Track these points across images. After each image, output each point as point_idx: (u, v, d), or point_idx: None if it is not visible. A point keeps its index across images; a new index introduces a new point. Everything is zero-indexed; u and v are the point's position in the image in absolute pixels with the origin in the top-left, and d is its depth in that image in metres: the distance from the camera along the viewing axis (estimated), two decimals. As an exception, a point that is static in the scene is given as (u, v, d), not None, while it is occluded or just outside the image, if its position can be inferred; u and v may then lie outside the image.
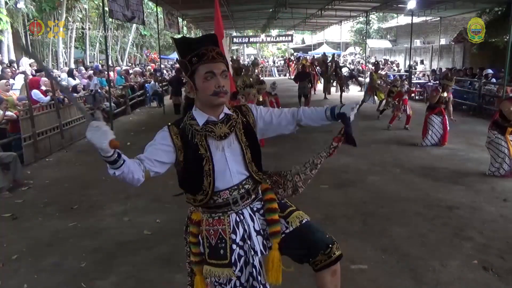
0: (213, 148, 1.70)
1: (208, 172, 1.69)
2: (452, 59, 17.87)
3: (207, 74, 1.63)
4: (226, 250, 1.74)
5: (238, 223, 1.77)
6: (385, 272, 3.10)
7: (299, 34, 41.46)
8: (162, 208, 4.56)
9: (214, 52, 1.65)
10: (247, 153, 1.74)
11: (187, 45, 1.71)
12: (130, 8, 9.12)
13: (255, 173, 1.76)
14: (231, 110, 1.78)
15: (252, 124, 1.81)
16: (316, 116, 1.83)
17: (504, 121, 5.25)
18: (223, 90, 1.64)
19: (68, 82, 10.50)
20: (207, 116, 1.71)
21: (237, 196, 1.74)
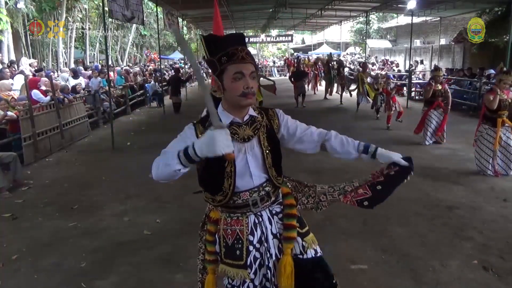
0: (236, 150, 1.65)
1: (230, 173, 1.67)
2: (452, 59, 17.87)
3: (236, 74, 1.60)
4: (243, 251, 1.73)
5: (257, 225, 1.76)
6: (385, 272, 3.10)
7: (299, 34, 41.46)
8: (162, 208, 4.57)
9: (244, 53, 1.63)
10: (268, 158, 1.72)
11: (216, 43, 1.69)
12: (130, 8, 9.11)
13: (274, 178, 1.75)
14: (256, 111, 1.75)
15: (275, 129, 1.79)
16: (347, 144, 1.79)
17: (492, 113, 5.28)
18: (251, 91, 1.61)
19: (68, 82, 10.49)
20: (232, 117, 1.69)
21: (257, 198, 1.72)
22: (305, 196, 1.93)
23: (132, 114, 12.57)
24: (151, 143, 8.14)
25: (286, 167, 1.98)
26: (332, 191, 1.88)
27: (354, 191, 1.80)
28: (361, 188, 1.77)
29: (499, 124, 5.25)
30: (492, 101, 5.20)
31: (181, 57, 29.03)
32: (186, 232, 3.91)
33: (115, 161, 6.81)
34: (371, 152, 1.76)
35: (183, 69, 19.94)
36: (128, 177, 5.79)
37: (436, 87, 7.01)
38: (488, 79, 11.69)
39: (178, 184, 5.44)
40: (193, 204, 4.66)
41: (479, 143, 5.52)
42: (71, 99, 8.57)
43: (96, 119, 10.24)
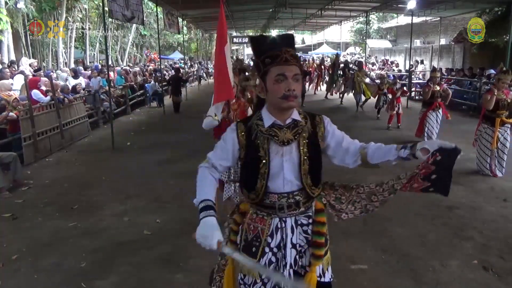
0: (273, 152, 1.66)
1: (263, 175, 1.67)
2: (452, 59, 17.87)
3: (278, 76, 1.59)
4: (258, 250, 1.73)
5: (278, 229, 1.74)
6: (385, 272, 3.10)
7: (299, 34, 41.44)
8: (162, 208, 4.57)
9: (288, 54, 1.60)
10: (304, 165, 1.67)
11: (261, 44, 1.68)
12: (130, 8, 9.10)
13: (308, 186, 1.70)
14: (301, 115, 1.71)
15: (320, 137, 1.73)
16: (385, 148, 1.72)
17: (491, 112, 5.29)
18: (293, 94, 1.59)
19: (68, 82, 10.49)
20: (274, 119, 1.67)
21: (284, 203, 1.70)
22: (350, 203, 1.86)
23: (132, 114, 12.57)
24: (151, 143, 8.15)
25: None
26: (381, 191, 1.80)
27: (409, 186, 1.71)
28: (415, 183, 1.68)
29: (497, 124, 5.26)
30: (488, 101, 5.22)
31: (181, 57, 29.05)
32: (186, 232, 3.90)
33: (115, 161, 6.81)
34: (409, 145, 1.65)
35: (183, 69, 19.93)
36: (128, 177, 5.79)
37: (434, 88, 7.01)
38: (488, 79, 11.69)
39: (178, 184, 5.46)
40: (193, 204, 4.66)
41: (479, 142, 5.54)
42: (71, 99, 8.57)
43: (96, 119, 10.24)
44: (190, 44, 35.23)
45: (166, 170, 6.10)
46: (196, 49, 34.86)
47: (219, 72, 3.23)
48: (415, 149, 1.61)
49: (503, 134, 5.34)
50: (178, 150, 7.44)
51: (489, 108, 5.24)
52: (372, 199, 1.82)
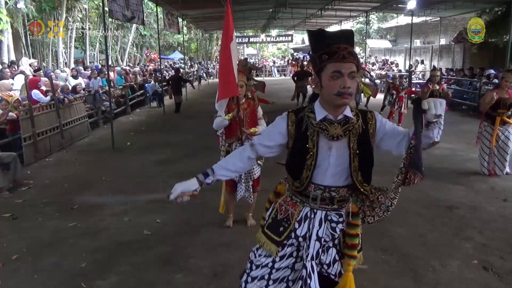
0: (322, 145, 1.69)
1: (309, 166, 1.70)
2: (452, 59, 17.87)
3: (334, 73, 1.60)
4: (286, 230, 1.78)
5: (306, 219, 1.78)
6: (385, 272, 3.10)
7: (299, 34, 41.45)
8: (162, 208, 4.56)
9: (346, 51, 1.60)
10: (354, 161, 1.69)
11: (320, 40, 1.68)
12: (130, 8, 9.11)
13: (360, 183, 1.72)
14: (353, 113, 1.72)
15: (370, 134, 1.74)
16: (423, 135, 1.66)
17: (492, 110, 5.31)
18: (348, 92, 1.59)
19: (69, 82, 10.50)
20: (325, 113, 1.69)
21: (318, 195, 1.74)
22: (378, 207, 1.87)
23: (132, 114, 12.57)
24: (151, 143, 8.15)
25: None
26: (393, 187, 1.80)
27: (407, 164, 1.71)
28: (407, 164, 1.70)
29: (497, 122, 5.28)
30: (485, 99, 5.32)
31: (181, 57, 29.05)
32: (186, 232, 3.91)
33: (115, 161, 6.81)
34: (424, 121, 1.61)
35: (183, 69, 19.93)
36: (128, 177, 5.79)
37: (433, 87, 7.01)
38: (488, 79, 11.69)
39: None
40: (193, 204, 4.66)
41: (480, 140, 5.56)
42: (71, 99, 8.57)
43: (96, 119, 10.24)
44: (190, 44, 35.22)
45: (166, 170, 6.10)
46: (196, 49, 34.85)
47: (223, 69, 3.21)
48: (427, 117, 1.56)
49: (504, 132, 5.34)
50: (178, 150, 7.44)
51: (484, 106, 5.31)
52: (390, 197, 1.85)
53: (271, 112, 4.01)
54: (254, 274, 1.81)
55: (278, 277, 1.80)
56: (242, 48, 39.96)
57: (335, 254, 1.77)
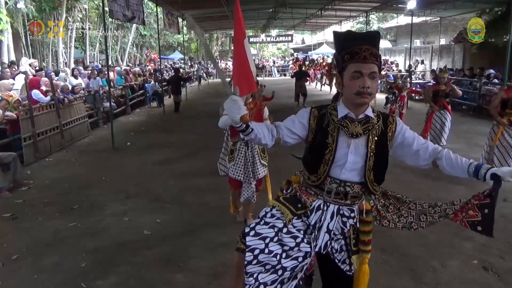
0: (341, 142, 1.73)
1: (327, 161, 1.74)
2: (452, 59, 17.87)
3: (355, 73, 1.65)
4: (302, 209, 1.82)
5: (319, 210, 1.80)
6: (385, 272, 3.10)
7: (299, 34, 41.44)
8: (162, 208, 4.56)
9: (367, 52, 1.64)
10: (370, 160, 1.73)
11: (344, 41, 1.73)
12: (131, 8, 9.10)
13: (370, 182, 1.76)
14: (374, 113, 1.77)
15: (389, 136, 1.78)
16: (457, 165, 1.77)
17: (501, 110, 5.35)
18: (367, 91, 1.64)
19: (70, 82, 10.50)
20: (347, 111, 1.74)
21: (333, 188, 1.77)
22: (396, 215, 1.91)
23: (132, 114, 12.57)
24: (151, 143, 8.15)
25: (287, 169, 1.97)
26: (433, 212, 1.85)
27: (465, 212, 1.76)
28: (471, 210, 1.75)
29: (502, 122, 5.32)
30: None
31: (181, 57, 29.05)
32: (186, 232, 3.91)
33: (115, 161, 6.81)
34: (481, 176, 1.72)
35: (183, 69, 19.93)
36: (128, 177, 5.79)
37: (440, 87, 7.00)
38: (488, 79, 11.69)
39: (178, 184, 5.46)
40: (193, 204, 4.67)
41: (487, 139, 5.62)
42: (71, 99, 8.57)
43: (96, 119, 10.24)
44: (190, 44, 35.23)
45: (166, 170, 6.10)
46: (196, 49, 34.86)
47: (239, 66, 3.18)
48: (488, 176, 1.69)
49: (509, 133, 5.35)
50: (178, 150, 7.44)
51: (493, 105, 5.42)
52: (420, 219, 1.88)
53: (272, 111, 4.02)
54: (259, 229, 1.79)
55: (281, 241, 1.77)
56: (242, 48, 39.93)
57: (342, 244, 1.82)
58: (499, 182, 1.65)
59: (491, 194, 1.70)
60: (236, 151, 3.71)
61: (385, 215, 1.91)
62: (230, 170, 3.77)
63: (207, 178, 5.45)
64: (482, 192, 1.75)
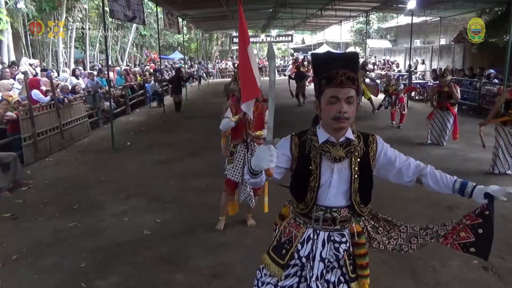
0: (324, 167, 1.71)
1: (313, 188, 1.72)
2: (452, 59, 17.87)
3: (331, 98, 1.64)
4: (288, 253, 1.78)
5: (309, 240, 1.78)
6: (385, 272, 3.10)
7: (299, 34, 41.44)
8: (162, 208, 4.57)
9: (344, 77, 1.63)
10: (355, 183, 1.72)
11: (322, 64, 1.72)
12: (131, 8, 9.09)
13: (357, 204, 1.75)
14: (355, 135, 1.76)
15: (371, 156, 1.77)
16: (442, 182, 1.77)
17: (504, 110, 5.36)
18: (344, 116, 1.63)
19: (70, 82, 10.50)
20: (328, 136, 1.72)
21: (320, 216, 1.74)
22: (386, 237, 1.90)
23: (132, 114, 12.58)
24: (151, 143, 8.15)
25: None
26: (424, 234, 1.84)
27: (455, 234, 1.76)
28: (463, 231, 1.74)
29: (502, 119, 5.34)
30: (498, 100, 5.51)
31: (181, 57, 29.05)
32: (186, 232, 3.91)
33: (115, 161, 6.81)
34: (467, 194, 1.74)
35: (184, 68, 19.94)
36: (128, 177, 5.79)
37: (443, 88, 7.02)
38: (488, 79, 11.69)
39: (178, 184, 5.46)
40: (193, 204, 4.67)
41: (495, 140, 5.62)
42: (71, 99, 8.57)
43: (96, 119, 10.25)
44: (190, 44, 35.23)
45: (166, 170, 6.10)
46: (196, 49, 34.86)
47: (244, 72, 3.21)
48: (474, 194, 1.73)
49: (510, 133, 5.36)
50: (178, 150, 7.44)
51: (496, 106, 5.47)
52: (411, 241, 1.86)
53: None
54: None
55: None
56: (242, 48, 39.95)
57: (339, 275, 1.78)
58: (492, 202, 1.68)
59: (482, 213, 1.70)
60: (236, 153, 3.74)
61: (374, 237, 1.89)
62: (229, 171, 3.79)
63: (207, 178, 5.45)
64: (473, 212, 1.75)
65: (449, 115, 7.07)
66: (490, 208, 1.67)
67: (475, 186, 1.74)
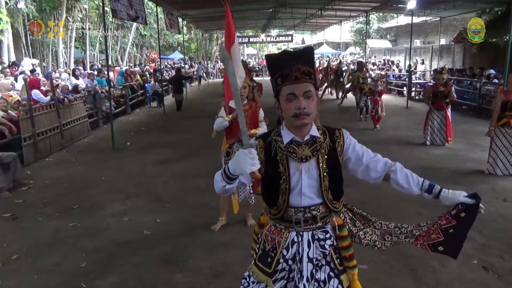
0: (292, 168, 1.68)
1: (284, 190, 1.69)
2: (452, 59, 17.88)
3: (289, 95, 1.61)
4: (273, 260, 1.75)
5: (294, 243, 1.76)
6: (385, 272, 3.10)
7: (299, 34, 41.44)
8: (162, 208, 4.57)
9: (298, 72, 1.59)
10: (325, 181, 1.68)
11: (275, 64, 1.69)
12: (134, 7, 9.07)
13: (330, 201, 1.72)
14: (320, 131, 1.71)
15: (338, 152, 1.73)
16: (412, 180, 1.74)
17: (501, 112, 5.35)
18: (304, 112, 1.59)
19: (70, 82, 10.50)
20: (292, 136, 1.68)
21: (300, 217, 1.71)
22: (362, 231, 1.88)
23: (132, 114, 12.58)
24: (151, 143, 8.15)
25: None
26: (398, 233, 1.83)
27: (427, 236, 1.76)
28: (434, 234, 1.75)
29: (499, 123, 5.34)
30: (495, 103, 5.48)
31: (181, 57, 29.05)
32: (186, 232, 3.91)
33: (115, 161, 6.81)
34: (434, 193, 1.72)
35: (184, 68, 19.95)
36: (128, 177, 5.79)
37: (439, 88, 7.01)
38: (488, 79, 11.69)
39: (178, 184, 5.46)
40: (193, 204, 4.67)
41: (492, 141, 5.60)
42: (71, 99, 8.57)
43: (96, 119, 10.25)
44: (190, 44, 35.23)
45: (166, 170, 6.10)
46: (196, 49, 34.86)
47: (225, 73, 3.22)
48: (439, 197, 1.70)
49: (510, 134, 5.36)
50: (178, 150, 7.44)
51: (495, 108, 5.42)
52: (385, 238, 1.84)
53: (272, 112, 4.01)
54: None
55: None
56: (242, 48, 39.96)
57: (329, 271, 1.76)
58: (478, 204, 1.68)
59: (458, 215, 1.69)
60: (232, 153, 3.73)
61: (351, 229, 1.86)
62: None
63: (207, 178, 5.44)
64: (449, 212, 1.72)
65: (443, 115, 7.10)
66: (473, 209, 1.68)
67: (441, 189, 1.72)
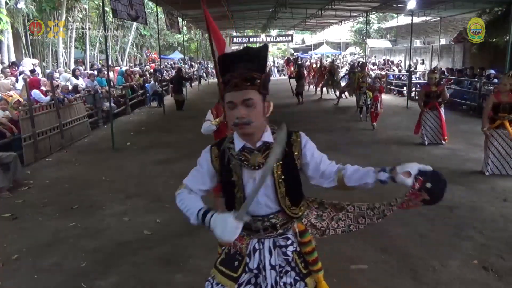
0: (246, 177, 1.61)
1: (239, 199, 1.64)
2: (452, 59, 17.87)
3: (229, 103, 1.53)
4: (241, 265, 1.71)
5: (256, 251, 1.72)
6: (385, 272, 3.10)
7: (299, 34, 41.44)
8: (162, 208, 4.56)
9: (238, 79, 1.48)
10: (280, 188, 1.61)
11: (224, 67, 1.58)
12: (134, 7, 9.07)
13: (288, 208, 1.65)
14: (275, 135, 1.61)
15: (296, 156, 1.64)
16: (362, 170, 1.60)
17: (494, 113, 5.35)
18: (243, 121, 1.49)
19: (71, 82, 10.50)
20: (243, 142, 1.61)
21: (259, 226, 1.68)
22: (334, 221, 1.81)
23: (132, 114, 12.58)
24: (151, 143, 8.15)
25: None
26: (371, 215, 1.76)
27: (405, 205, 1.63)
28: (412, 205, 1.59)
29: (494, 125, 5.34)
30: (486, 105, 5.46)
31: (181, 57, 29.05)
32: (186, 232, 3.91)
33: (115, 161, 6.80)
34: (389, 168, 1.53)
35: (184, 68, 19.95)
36: (128, 177, 5.79)
37: (431, 88, 7.01)
38: (488, 79, 11.69)
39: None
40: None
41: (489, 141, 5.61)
42: (71, 99, 8.57)
43: (96, 119, 10.25)
44: (190, 44, 35.24)
45: (166, 170, 6.10)
46: (196, 49, 34.87)
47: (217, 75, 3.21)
48: (395, 172, 1.49)
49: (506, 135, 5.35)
50: (178, 150, 7.43)
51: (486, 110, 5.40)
52: (359, 221, 1.78)
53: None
54: None
55: None
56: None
57: (294, 276, 1.71)
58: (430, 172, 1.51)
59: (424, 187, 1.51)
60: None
61: (322, 225, 1.80)
62: None
63: (207, 178, 5.44)
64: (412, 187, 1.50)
65: (437, 115, 7.11)
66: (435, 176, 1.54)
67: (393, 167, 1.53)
